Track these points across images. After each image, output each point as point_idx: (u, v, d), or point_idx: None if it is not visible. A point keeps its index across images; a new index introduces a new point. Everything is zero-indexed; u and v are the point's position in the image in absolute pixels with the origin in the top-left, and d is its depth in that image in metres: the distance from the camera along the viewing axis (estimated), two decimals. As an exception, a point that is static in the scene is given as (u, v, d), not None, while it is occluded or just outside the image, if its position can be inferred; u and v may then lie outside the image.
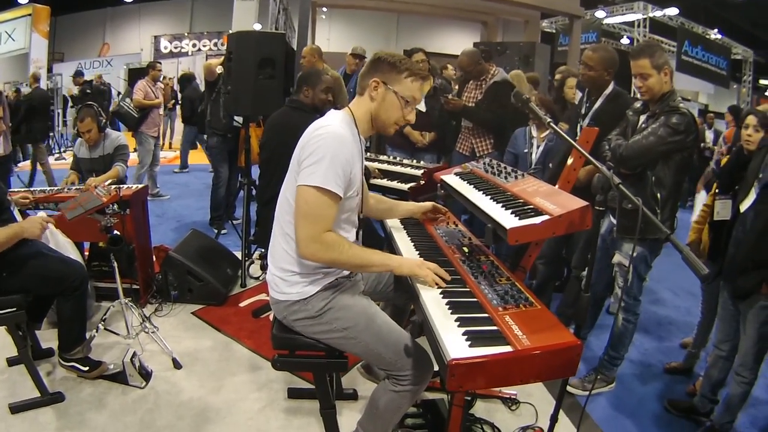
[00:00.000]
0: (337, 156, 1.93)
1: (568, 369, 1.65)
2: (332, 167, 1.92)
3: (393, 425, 2.27)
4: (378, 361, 2.14)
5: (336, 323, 2.09)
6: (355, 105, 2.18)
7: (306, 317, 2.11)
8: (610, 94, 3.42)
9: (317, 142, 1.95)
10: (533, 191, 2.13)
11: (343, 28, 19.35)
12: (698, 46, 15.61)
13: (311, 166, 1.93)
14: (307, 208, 1.95)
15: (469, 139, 4.86)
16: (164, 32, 18.50)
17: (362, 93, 2.15)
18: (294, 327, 2.16)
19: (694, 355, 3.59)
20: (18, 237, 2.69)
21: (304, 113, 3.48)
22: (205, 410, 2.82)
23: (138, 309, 3.50)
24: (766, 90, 19.38)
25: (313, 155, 1.93)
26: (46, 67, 13.66)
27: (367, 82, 2.11)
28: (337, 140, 1.96)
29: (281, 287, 2.13)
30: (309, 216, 1.95)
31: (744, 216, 2.65)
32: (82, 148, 4.33)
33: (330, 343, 2.14)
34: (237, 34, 4.36)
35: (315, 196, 1.93)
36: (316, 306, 2.09)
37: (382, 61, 2.11)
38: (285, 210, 2.11)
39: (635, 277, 3.02)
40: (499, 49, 10.11)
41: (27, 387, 2.82)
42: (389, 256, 2.15)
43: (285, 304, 2.13)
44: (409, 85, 2.10)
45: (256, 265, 4.74)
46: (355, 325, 2.09)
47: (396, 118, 2.14)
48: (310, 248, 1.96)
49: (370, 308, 2.16)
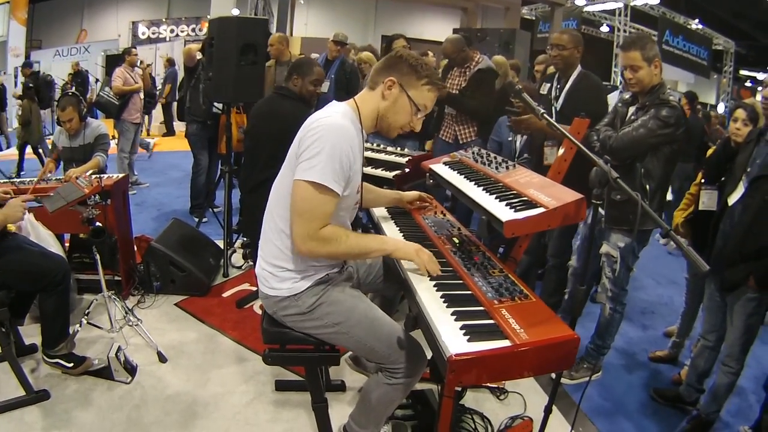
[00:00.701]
0: (335, 149, 1.84)
1: (565, 362, 1.65)
2: (330, 161, 1.83)
3: (385, 417, 2.26)
4: (371, 355, 2.12)
5: (327, 318, 2.06)
6: (362, 99, 2.08)
7: (297, 313, 2.07)
8: (579, 74, 3.49)
9: (315, 134, 1.86)
10: (526, 182, 2.12)
11: (321, 14, 19.15)
12: (679, 36, 15.76)
13: (309, 159, 1.85)
14: (303, 205, 1.88)
15: (452, 126, 4.83)
16: (142, 18, 18.14)
17: (373, 88, 2.05)
18: (284, 322, 2.13)
19: (678, 344, 3.63)
20: (2, 225, 2.61)
21: (292, 101, 3.42)
22: (193, 405, 2.78)
23: (121, 302, 3.44)
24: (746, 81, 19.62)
25: (311, 148, 1.85)
26: (24, 54, 13.37)
27: (382, 78, 2.02)
28: (336, 132, 1.87)
29: (271, 282, 2.08)
30: (305, 213, 1.88)
31: (732, 209, 2.67)
32: (62, 137, 4.23)
33: (322, 338, 2.12)
34: (219, 20, 4.27)
35: (312, 192, 1.85)
36: (306, 302, 2.05)
37: (404, 61, 2.02)
38: (279, 205, 2.04)
39: (623, 268, 3.03)
40: (479, 35, 10.10)
41: (11, 385, 2.75)
42: (385, 239, 2.13)
43: (275, 299, 2.09)
44: (425, 93, 2.04)
45: (238, 254, 4.70)
46: (347, 320, 2.06)
47: (403, 123, 2.07)
48: (307, 245, 1.90)
49: (361, 302, 2.13)
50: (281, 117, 3.31)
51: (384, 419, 2.26)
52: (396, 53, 2.06)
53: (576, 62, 3.50)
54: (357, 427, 2.25)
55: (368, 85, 2.08)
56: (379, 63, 2.09)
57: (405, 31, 5.68)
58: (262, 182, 3.29)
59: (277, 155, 2.33)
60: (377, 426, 2.25)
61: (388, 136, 2.14)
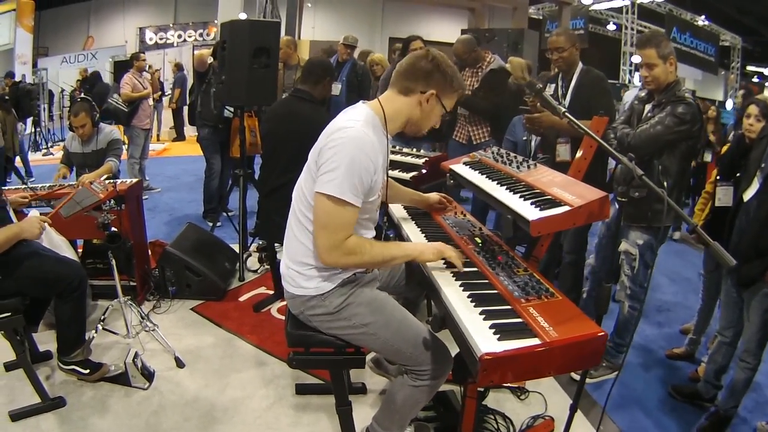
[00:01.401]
0: (354, 164, 1.86)
1: (593, 359, 1.64)
2: (349, 177, 1.85)
3: (410, 420, 2.26)
4: (397, 356, 2.11)
5: (355, 319, 2.06)
6: (389, 102, 2.07)
7: (324, 313, 2.07)
8: (581, 70, 3.53)
9: (335, 147, 1.88)
10: (548, 181, 2.12)
11: (328, 17, 19.18)
12: (686, 33, 15.73)
13: (328, 173, 1.87)
14: (326, 219, 1.90)
15: (465, 127, 4.83)
16: (149, 24, 18.22)
17: (405, 93, 2.04)
18: (311, 322, 2.12)
19: (695, 341, 3.61)
20: (17, 238, 2.61)
21: (310, 104, 3.42)
22: (212, 410, 2.78)
23: (137, 307, 3.44)
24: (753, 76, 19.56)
25: (331, 161, 1.87)
26: (30, 62, 13.43)
27: (420, 88, 2.01)
28: (356, 145, 1.87)
29: (298, 281, 2.09)
30: (328, 226, 1.90)
31: (747, 205, 2.67)
32: (75, 143, 4.25)
33: (348, 339, 2.11)
34: (231, 23, 4.28)
35: (331, 206, 1.88)
36: (334, 302, 2.05)
37: (441, 72, 2.01)
38: (302, 204, 2.05)
39: (642, 265, 3.02)
40: (487, 35, 10.07)
41: (26, 393, 2.74)
42: (407, 245, 2.14)
43: (302, 299, 2.09)
44: (453, 98, 2.11)
45: (254, 258, 4.70)
46: (375, 321, 2.06)
47: (432, 123, 2.12)
48: (333, 257, 1.93)
49: (388, 303, 2.14)
50: (298, 118, 3.31)
51: (408, 421, 2.26)
52: (431, 61, 2.02)
53: (577, 60, 3.54)
54: (381, 429, 2.24)
55: (397, 88, 2.06)
56: (411, 68, 2.05)
57: (412, 32, 5.67)
58: (279, 186, 3.29)
59: (295, 159, 2.33)
60: (401, 428, 2.25)
61: (415, 135, 2.18)
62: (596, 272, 3.37)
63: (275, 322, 3.71)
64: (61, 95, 13.95)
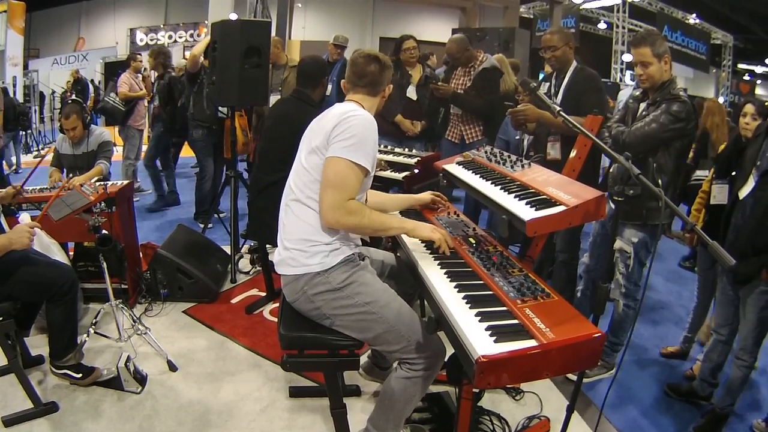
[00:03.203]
0: (367, 137, 2.09)
1: (591, 360, 1.63)
2: (363, 146, 2.07)
3: (405, 417, 2.26)
4: (396, 340, 2.13)
5: (358, 297, 2.11)
6: (364, 101, 2.30)
7: (328, 290, 2.12)
8: (575, 69, 3.53)
9: (351, 122, 2.09)
10: (543, 180, 2.10)
11: (319, 17, 19.10)
12: (678, 31, 15.80)
13: (344, 140, 2.06)
14: (336, 179, 2.05)
15: (458, 126, 4.82)
16: (140, 25, 18.12)
17: (375, 95, 2.33)
18: (314, 302, 2.15)
19: (690, 339, 3.61)
20: (5, 250, 2.56)
21: (310, 108, 3.40)
22: (206, 413, 2.75)
23: (129, 310, 3.40)
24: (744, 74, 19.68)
25: (347, 132, 2.07)
26: (22, 63, 13.31)
27: (383, 87, 2.34)
28: (369, 125, 2.12)
29: (301, 260, 2.14)
30: (338, 185, 2.05)
31: (743, 203, 2.67)
32: (65, 144, 4.20)
33: (349, 321, 2.14)
34: (221, 23, 4.24)
35: (346, 167, 2.05)
36: (338, 278, 2.12)
37: (388, 68, 2.34)
38: (304, 182, 2.17)
39: (636, 263, 3.02)
40: (478, 35, 10.07)
41: (18, 398, 2.71)
42: (404, 219, 2.35)
43: (306, 278, 2.14)
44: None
45: (246, 259, 4.66)
46: (377, 300, 2.12)
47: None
48: (336, 214, 2.05)
49: (387, 288, 2.22)
50: (296, 120, 3.29)
51: (403, 420, 2.26)
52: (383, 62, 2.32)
53: (571, 58, 3.55)
54: (375, 430, 2.24)
55: (368, 91, 2.32)
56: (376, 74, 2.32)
57: (403, 32, 5.66)
58: (270, 184, 3.28)
59: (286, 159, 2.34)
60: (396, 427, 2.25)
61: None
62: (590, 271, 3.36)
63: (268, 324, 3.69)
64: (51, 97, 13.84)
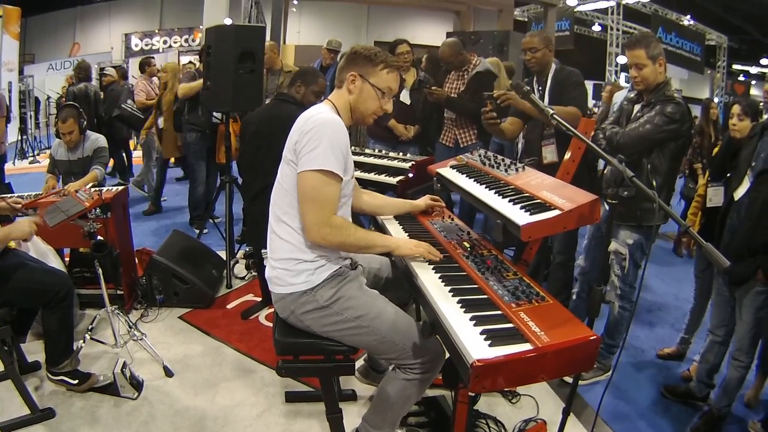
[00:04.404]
0: (333, 139, 1.99)
1: (587, 363, 1.64)
2: (330, 150, 1.98)
3: (401, 417, 2.25)
4: (390, 350, 2.11)
5: (347, 312, 2.08)
6: (334, 97, 2.24)
7: (315, 308, 2.08)
8: (555, 70, 3.55)
9: (313, 128, 2.00)
10: (537, 184, 2.10)
11: (314, 21, 19.15)
12: (672, 33, 15.86)
13: (310, 152, 1.98)
14: (314, 194, 1.99)
15: (452, 130, 4.82)
16: (134, 30, 18.17)
17: (340, 86, 2.22)
18: (303, 321, 2.12)
19: (686, 341, 3.61)
20: (7, 239, 2.57)
21: (293, 107, 3.39)
22: (202, 419, 2.74)
23: (124, 316, 3.40)
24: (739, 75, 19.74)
25: (311, 141, 1.99)
26: (17, 69, 13.28)
27: (345, 75, 2.19)
28: (332, 125, 2.02)
29: (286, 279, 2.10)
30: (317, 201, 1.99)
31: (738, 204, 2.69)
32: (61, 150, 4.20)
33: (341, 336, 2.11)
34: (216, 28, 4.25)
35: (318, 179, 1.98)
36: (324, 296, 2.07)
37: (359, 54, 2.18)
38: (283, 202, 2.12)
39: (632, 265, 3.02)
40: (472, 38, 10.06)
41: (15, 404, 2.70)
42: (388, 237, 2.27)
43: (292, 297, 2.10)
44: (384, 76, 2.18)
45: (241, 264, 4.66)
46: (367, 313, 2.08)
47: (374, 109, 2.21)
48: (321, 232, 2.00)
49: (378, 297, 2.17)
50: (281, 121, 3.28)
51: (399, 419, 2.25)
52: (351, 50, 2.23)
53: (550, 60, 3.57)
54: (372, 429, 2.24)
55: (336, 85, 2.25)
56: (341, 63, 2.26)
57: (397, 35, 5.69)
58: (264, 189, 3.26)
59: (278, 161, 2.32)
60: (392, 426, 2.24)
61: (365, 124, 2.34)
62: (585, 273, 3.36)
63: (264, 329, 3.68)
64: (47, 102, 13.81)
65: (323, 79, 3.63)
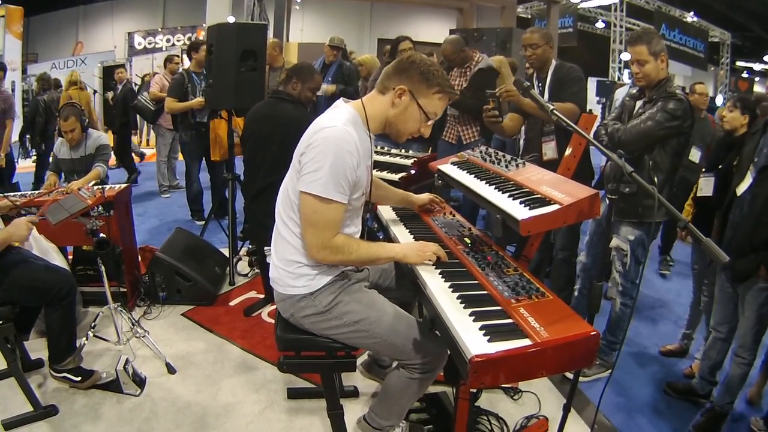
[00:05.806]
0: (338, 162, 1.85)
1: (586, 359, 1.63)
2: (333, 175, 1.86)
3: (407, 409, 2.25)
4: (391, 352, 2.11)
5: (346, 317, 2.05)
6: (370, 101, 2.06)
7: (314, 313, 2.07)
8: (555, 66, 3.56)
9: (318, 146, 1.87)
10: (537, 180, 2.10)
11: (316, 18, 19.15)
12: (675, 30, 15.83)
13: (313, 173, 1.87)
14: (314, 217, 1.91)
15: (455, 126, 4.82)
16: (137, 28, 18.15)
17: (383, 92, 2.03)
18: (302, 324, 2.11)
19: (688, 336, 3.61)
20: (5, 244, 2.58)
21: (290, 104, 3.40)
22: (204, 416, 2.75)
23: (127, 313, 3.40)
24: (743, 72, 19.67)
25: (314, 161, 1.87)
26: (20, 68, 13.30)
27: (393, 84, 1.99)
28: (338, 144, 1.86)
29: (287, 281, 2.08)
30: (317, 224, 1.92)
31: (741, 200, 2.67)
32: (63, 148, 4.21)
33: (341, 339, 2.10)
34: (217, 26, 4.24)
35: (318, 205, 1.89)
36: (324, 301, 2.05)
37: (415, 67, 1.98)
38: (287, 203, 2.06)
39: (633, 261, 3.02)
40: (475, 35, 10.05)
41: (18, 401, 2.71)
42: (392, 246, 2.13)
43: (292, 300, 2.08)
44: (435, 101, 2.01)
45: (244, 262, 4.65)
46: (366, 317, 2.05)
47: (412, 130, 2.06)
48: (321, 254, 1.95)
49: (378, 299, 2.14)
50: (279, 119, 3.29)
51: (405, 411, 2.26)
52: (408, 58, 2.02)
53: (550, 57, 3.57)
54: (378, 419, 2.24)
55: (377, 88, 2.06)
56: (390, 67, 2.05)
57: (400, 33, 5.68)
58: (265, 187, 3.27)
59: (280, 159, 2.31)
60: (399, 417, 2.25)
61: (396, 140, 2.13)
62: (587, 269, 3.36)
63: (266, 326, 3.69)
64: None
65: (319, 75, 3.64)
